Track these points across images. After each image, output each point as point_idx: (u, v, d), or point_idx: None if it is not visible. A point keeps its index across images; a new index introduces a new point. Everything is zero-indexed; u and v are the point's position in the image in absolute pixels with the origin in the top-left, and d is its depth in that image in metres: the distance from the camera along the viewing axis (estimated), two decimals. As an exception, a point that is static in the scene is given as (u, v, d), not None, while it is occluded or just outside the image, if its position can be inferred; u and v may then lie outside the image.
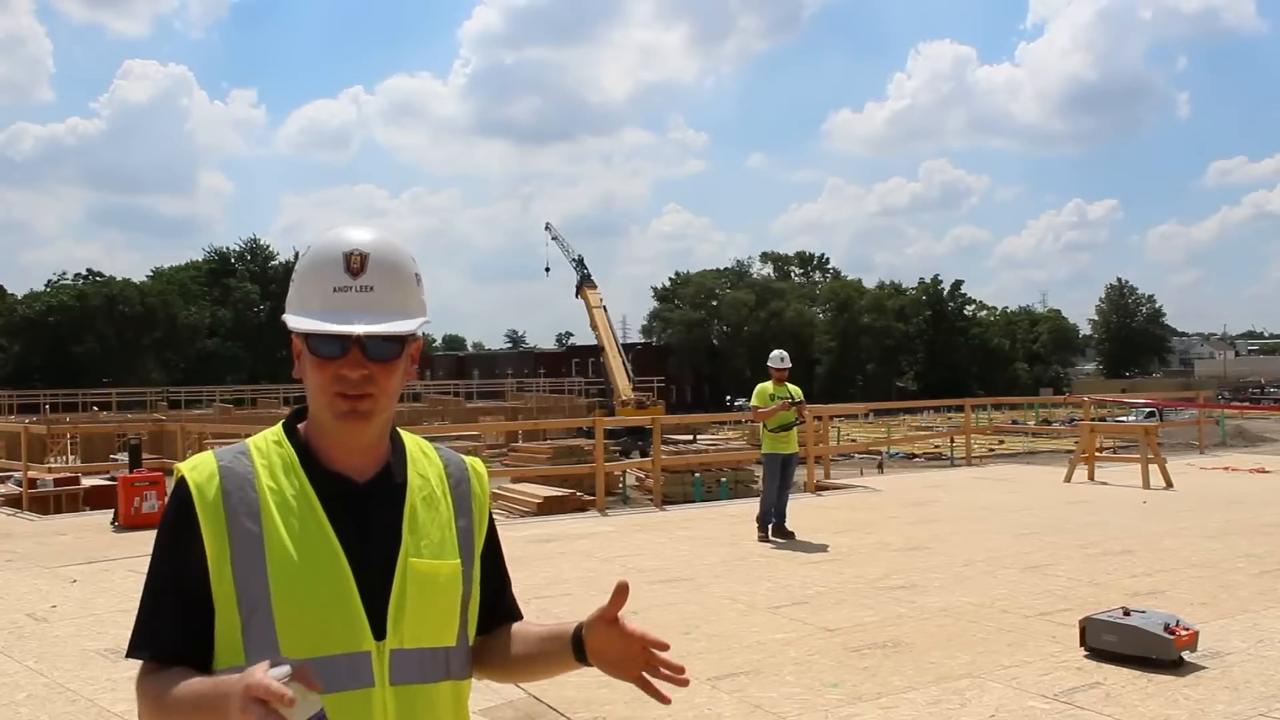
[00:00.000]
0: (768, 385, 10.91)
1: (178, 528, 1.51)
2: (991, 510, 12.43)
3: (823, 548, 9.99)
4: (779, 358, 11.06)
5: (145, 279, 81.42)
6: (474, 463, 1.71)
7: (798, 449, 11.44)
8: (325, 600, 1.47)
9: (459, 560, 1.60)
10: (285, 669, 1.29)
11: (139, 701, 1.52)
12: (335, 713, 1.42)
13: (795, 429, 11.06)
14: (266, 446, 1.56)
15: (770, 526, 10.64)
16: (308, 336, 1.51)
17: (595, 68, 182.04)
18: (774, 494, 10.71)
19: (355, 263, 1.51)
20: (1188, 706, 5.12)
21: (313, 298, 1.51)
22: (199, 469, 1.53)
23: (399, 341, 1.53)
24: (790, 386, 10.96)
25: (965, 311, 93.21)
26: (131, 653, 1.53)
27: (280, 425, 1.60)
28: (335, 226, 1.58)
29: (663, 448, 16.09)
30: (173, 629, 1.49)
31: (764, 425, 10.91)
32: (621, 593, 1.55)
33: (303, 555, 1.48)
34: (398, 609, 1.51)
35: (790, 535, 10.52)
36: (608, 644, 1.57)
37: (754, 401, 11.06)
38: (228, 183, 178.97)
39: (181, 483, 1.52)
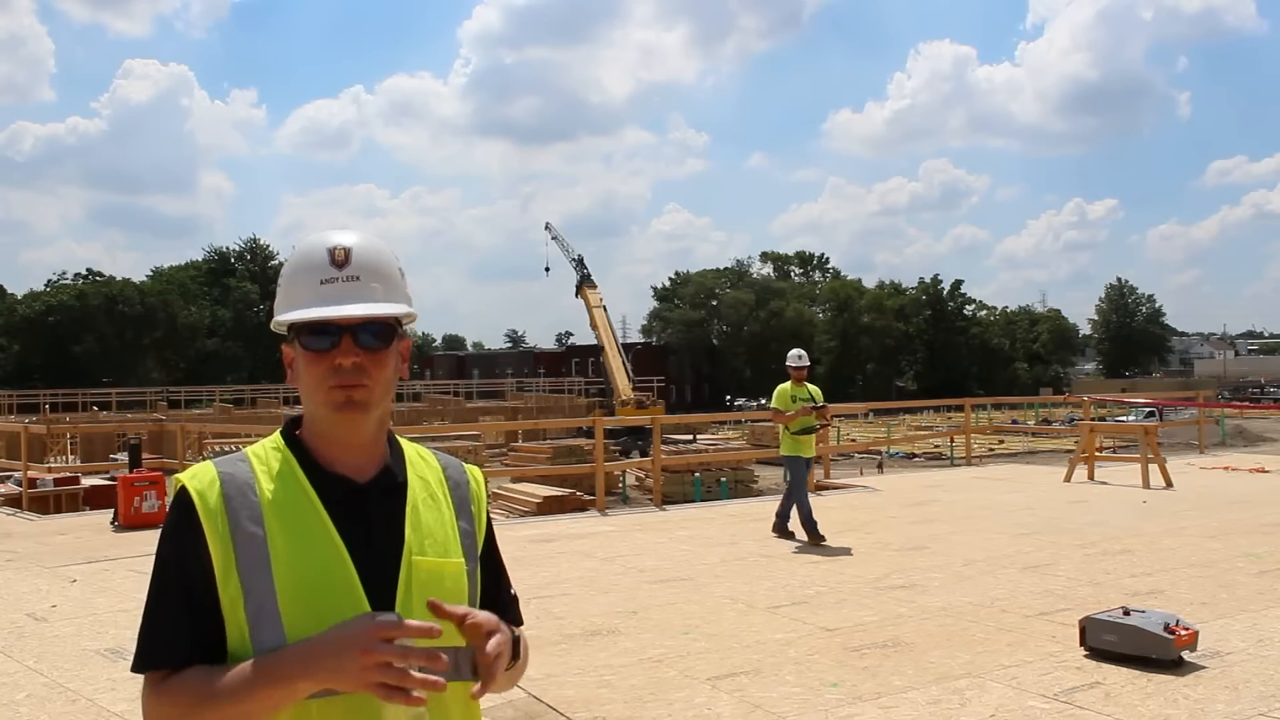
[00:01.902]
0: (787, 386, 10.77)
1: (181, 534, 1.50)
2: (991, 510, 12.43)
3: (823, 548, 9.99)
4: (797, 356, 10.93)
5: (145, 279, 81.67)
6: (472, 469, 1.73)
7: (814, 452, 11.28)
8: (331, 600, 1.47)
9: (464, 559, 1.61)
10: None
11: (162, 707, 1.46)
12: (346, 714, 1.44)
13: (815, 432, 11.00)
14: (265, 453, 1.58)
15: (775, 526, 10.63)
16: (300, 334, 1.54)
17: (595, 68, 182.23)
18: (805, 495, 10.56)
19: (339, 256, 1.54)
20: (1187, 706, 5.12)
21: (301, 294, 1.54)
22: (199, 477, 1.54)
23: (389, 333, 1.55)
24: (810, 387, 10.84)
25: (965, 311, 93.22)
26: (142, 665, 1.49)
27: (278, 432, 1.62)
28: (317, 232, 1.62)
29: (662, 447, 16.09)
30: (185, 636, 1.47)
31: (785, 427, 10.79)
32: None
33: (307, 556, 1.48)
34: (403, 608, 1.51)
35: (791, 535, 10.52)
36: None
37: (775, 404, 10.85)
38: (228, 183, 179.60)
39: (183, 491, 1.53)
